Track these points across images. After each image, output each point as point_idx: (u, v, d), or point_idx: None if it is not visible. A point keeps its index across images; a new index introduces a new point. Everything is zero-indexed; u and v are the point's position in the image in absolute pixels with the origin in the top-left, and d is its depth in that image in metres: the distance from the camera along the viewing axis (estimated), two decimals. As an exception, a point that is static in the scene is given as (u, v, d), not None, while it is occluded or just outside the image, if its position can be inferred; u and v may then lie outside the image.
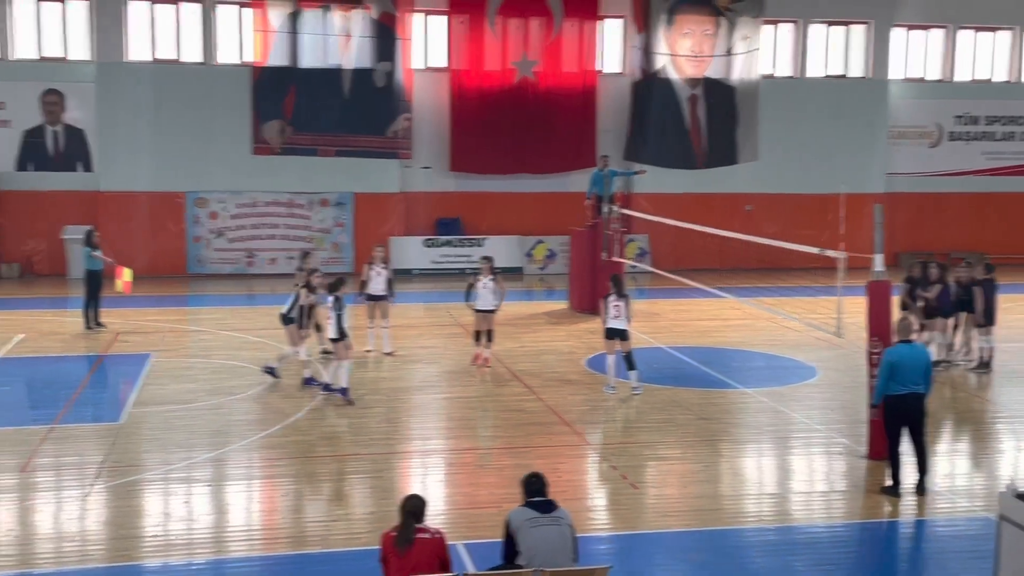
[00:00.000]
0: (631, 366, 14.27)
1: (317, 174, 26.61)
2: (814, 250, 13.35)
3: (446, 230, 27.39)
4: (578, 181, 27.10)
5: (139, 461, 11.35)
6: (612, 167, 22.40)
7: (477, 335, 15.94)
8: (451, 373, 15.72)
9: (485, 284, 15.83)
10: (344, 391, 13.86)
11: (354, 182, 26.82)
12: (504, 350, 17.07)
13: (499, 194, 27.70)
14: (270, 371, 14.82)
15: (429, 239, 27.07)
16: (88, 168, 25.98)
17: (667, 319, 20.70)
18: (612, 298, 14.24)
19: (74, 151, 25.95)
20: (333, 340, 13.93)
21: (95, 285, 18.63)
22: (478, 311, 15.83)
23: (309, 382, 14.63)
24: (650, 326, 19.68)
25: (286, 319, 14.80)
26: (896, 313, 11.85)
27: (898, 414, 10.36)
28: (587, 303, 20.46)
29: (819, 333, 15.65)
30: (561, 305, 21.95)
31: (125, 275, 19.11)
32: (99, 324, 18.68)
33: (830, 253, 12.58)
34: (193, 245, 26.18)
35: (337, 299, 13.82)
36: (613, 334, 14.28)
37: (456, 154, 27.20)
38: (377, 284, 16.45)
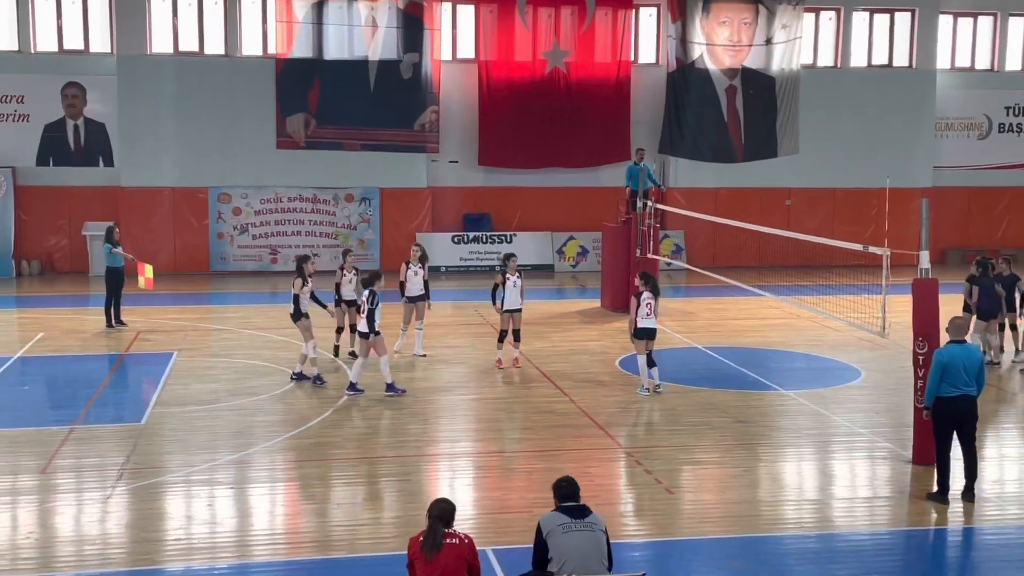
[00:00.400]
0: (651, 363, 14.26)
1: (342, 169, 26.71)
2: (857, 247, 13.24)
3: (474, 226, 27.41)
4: (611, 175, 27.01)
5: (161, 463, 11.44)
6: (647, 161, 22.31)
7: (502, 336, 15.92)
8: (480, 373, 15.73)
9: (515, 283, 15.80)
10: (390, 386, 14.05)
11: (380, 177, 26.90)
12: (534, 350, 17.06)
13: (529, 189, 27.68)
14: (299, 377, 14.91)
15: (457, 235, 27.10)
16: (109, 163, 26.22)
17: (703, 318, 20.60)
18: (646, 296, 14.17)
19: (95, 145, 26.19)
20: (362, 335, 14.00)
21: (116, 282, 18.79)
22: (506, 311, 15.81)
23: (308, 379, 14.77)
24: (685, 325, 19.59)
25: (294, 317, 14.88)
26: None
27: (948, 417, 10.25)
28: (620, 301, 20.38)
29: (862, 333, 15.51)
30: (593, 304, 21.91)
31: (147, 271, 19.28)
32: (120, 322, 18.85)
33: (874, 250, 12.47)
34: (216, 242, 26.36)
35: (372, 294, 13.94)
36: (645, 334, 14.22)
37: (485, 148, 27.22)
38: (416, 284, 16.46)
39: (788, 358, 17.06)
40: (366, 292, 14.02)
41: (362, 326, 14.03)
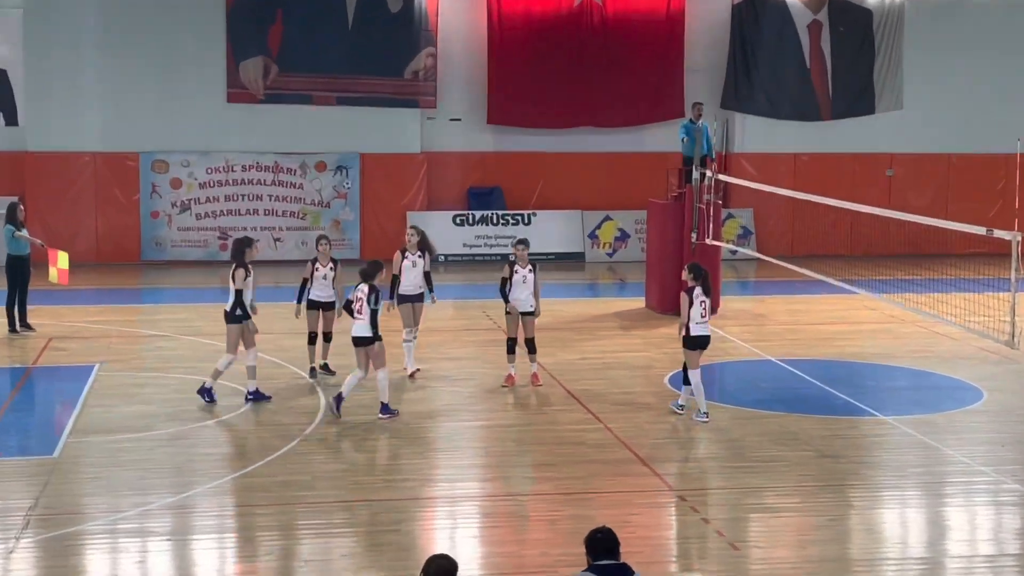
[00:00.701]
0: (687, 380, 14.33)
1: (312, 128, 26.74)
2: (979, 230, 13.19)
3: (482, 203, 27.41)
4: (658, 138, 26.96)
5: (79, 507, 11.47)
6: (706, 119, 22.25)
7: (511, 345, 15.87)
8: (488, 393, 15.74)
9: (524, 277, 15.76)
10: (385, 407, 14.26)
11: (361, 139, 26.92)
12: (558, 363, 17.05)
13: (553, 155, 27.66)
14: (255, 396, 14.90)
15: (459, 215, 27.11)
16: (12, 121, 26.30)
17: (777, 321, 20.56)
18: (699, 293, 14.16)
19: (-5, 99, 26.29)
20: (361, 341, 14.11)
21: (20, 275, 18.78)
22: (518, 314, 15.75)
23: (266, 398, 14.84)
24: (755, 331, 19.56)
25: (232, 317, 14.85)
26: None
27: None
28: (671, 300, 20.35)
29: (985, 342, 15.45)
30: (636, 303, 21.90)
31: (60, 261, 19.35)
32: (26, 326, 18.92)
33: (1000, 234, 12.41)
34: (150, 223, 26.43)
35: (373, 290, 14.08)
36: (700, 343, 14.24)
37: (496, 102, 27.21)
38: (413, 279, 16.33)
39: (888, 374, 17.01)
40: (364, 287, 14.13)
41: (360, 330, 14.11)
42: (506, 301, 15.80)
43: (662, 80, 27.46)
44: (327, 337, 16.12)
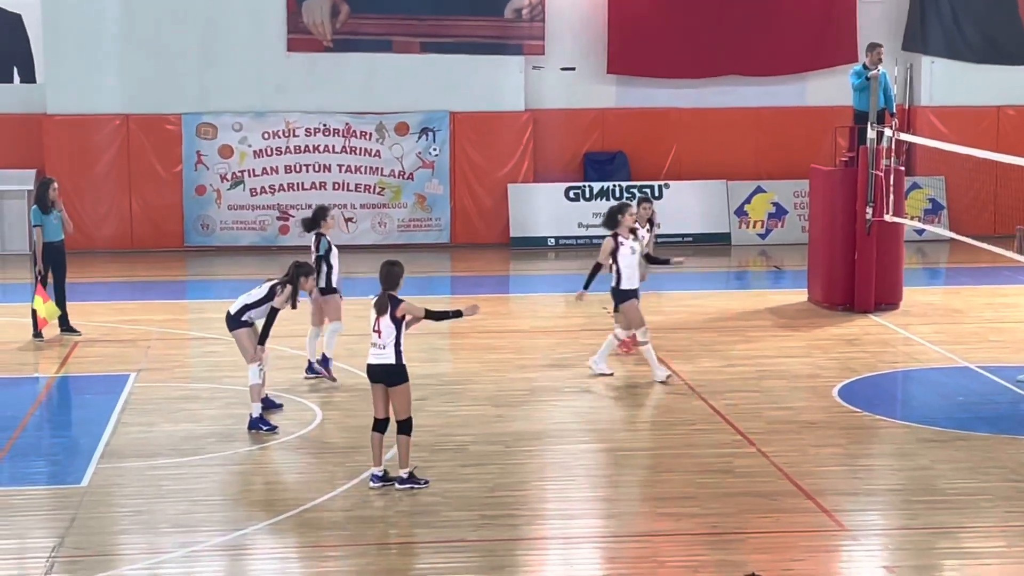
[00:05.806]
0: None
1: (392, 82, 26.83)
2: None
3: (601, 172, 27.32)
4: (823, 88, 26.67)
5: (112, 547, 11.65)
6: (885, 65, 21.97)
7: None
8: (611, 408, 15.77)
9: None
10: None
11: (451, 95, 26.95)
12: (699, 372, 17.00)
13: (689, 112, 27.49)
14: (265, 426, 14.98)
15: (573, 187, 27.05)
16: (29, 78, 26.68)
17: (977, 319, 20.31)
18: None
19: (8, 50, 26.70)
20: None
21: (54, 265, 18.81)
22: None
23: (257, 424, 14.91)
24: (948, 331, 19.28)
25: (236, 321, 15.04)
26: None
27: None
28: (839, 291, 20.22)
29: None
30: (795, 296, 21.70)
31: (49, 311, 18.78)
32: (69, 329, 18.93)
33: None
34: (194, 200, 26.69)
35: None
36: None
37: (618, 47, 27.10)
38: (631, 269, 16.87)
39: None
40: None
41: None
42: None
43: (829, 15, 27.16)
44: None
